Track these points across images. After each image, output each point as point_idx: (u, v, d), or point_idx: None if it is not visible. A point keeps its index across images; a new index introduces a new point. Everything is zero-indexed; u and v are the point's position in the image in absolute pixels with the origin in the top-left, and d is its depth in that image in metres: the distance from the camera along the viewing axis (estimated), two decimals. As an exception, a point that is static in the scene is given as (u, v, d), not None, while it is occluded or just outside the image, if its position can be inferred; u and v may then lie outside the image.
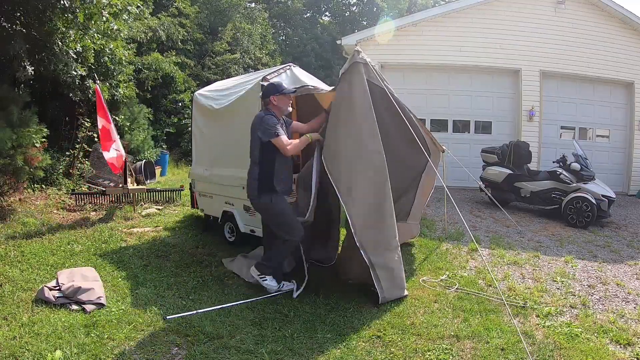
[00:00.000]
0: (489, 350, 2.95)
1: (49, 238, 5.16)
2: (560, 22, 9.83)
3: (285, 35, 26.76)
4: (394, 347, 2.99)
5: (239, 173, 4.84)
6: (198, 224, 6.10)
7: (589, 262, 5.02)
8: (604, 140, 10.54)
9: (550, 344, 3.04)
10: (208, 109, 5.30)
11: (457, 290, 4.02)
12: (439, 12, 10.07)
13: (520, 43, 9.77)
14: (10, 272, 4.08)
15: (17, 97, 6.27)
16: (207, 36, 17.33)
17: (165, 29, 13.70)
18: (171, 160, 12.81)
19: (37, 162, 6.11)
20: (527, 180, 7.46)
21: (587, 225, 6.56)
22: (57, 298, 3.49)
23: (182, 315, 3.38)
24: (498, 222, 6.77)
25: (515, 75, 9.98)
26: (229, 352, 2.89)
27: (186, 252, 4.97)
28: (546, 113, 10.01)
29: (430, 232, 6.07)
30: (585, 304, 3.82)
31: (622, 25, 10.01)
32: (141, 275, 4.22)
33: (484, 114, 10.12)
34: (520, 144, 7.75)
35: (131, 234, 5.63)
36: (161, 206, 7.20)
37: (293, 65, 5.07)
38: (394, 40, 9.72)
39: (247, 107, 4.73)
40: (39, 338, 2.92)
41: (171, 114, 14.42)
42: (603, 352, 2.96)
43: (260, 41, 20.51)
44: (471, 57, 9.80)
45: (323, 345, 3.01)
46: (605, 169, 10.04)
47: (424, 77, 9.97)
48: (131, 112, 10.42)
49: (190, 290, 3.93)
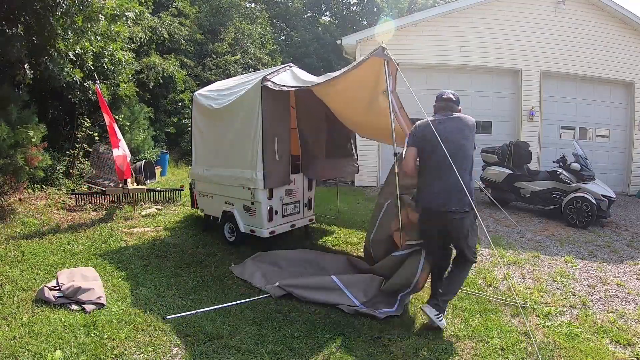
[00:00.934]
0: (489, 350, 2.95)
1: (49, 238, 5.16)
2: (560, 22, 9.84)
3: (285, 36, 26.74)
4: (394, 347, 2.99)
5: (239, 173, 4.86)
6: (198, 224, 6.10)
7: (589, 262, 5.02)
8: (604, 140, 10.55)
9: (550, 344, 3.04)
10: (208, 108, 5.30)
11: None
12: (439, 12, 10.07)
13: (520, 43, 9.77)
14: (10, 272, 4.07)
15: (16, 97, 6.28)
16: (207, 36, 17.32)
17: (166, 27, 13.69)
18: (171, 160, 12.81)
19: (37, 162, 6.10)
20: (527, 180, 7.46)
21: (587, 225, 6.56)
22: (57, 298, 3.49)
23: (182, 315, 3.38)
24: (498, 222, 6.77)
25: (515, 75, 9.99)
26: (229, 352, 2.89)
27: (186, 252, 4.97)
28: (546, 113, 10.02)
29: (430, 232, 6.06)
30: (585, 304, 3.82)
31: (622, 25, 10.01)
32: (141, 275, 4.22)
33: (484, 114, 10.12)
34: (520, 144, 7.75)
35: (131, 234, 5.63)
36: (161, 206, 7.20)
37: (293, 66, 5.08)
38: (394, 40, 9.71)
39: (247, 107, 4.74)
40: (39, 338, 2.92)
41: (171, 114, 14.41)
42: (603, 352, 2.96)
43: (260, 41, 20.50)
44: (471, 57, 9.81)
45: (323, 345, 3.01)
46: (605, 169, 10.05)
47: (424, 77, 9.97)
48: (132, 112, 10.41)
49: (190, 290, 3.93)
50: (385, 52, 3.72)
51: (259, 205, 4.74)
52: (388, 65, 3.78)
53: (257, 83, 4.57)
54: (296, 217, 5.29)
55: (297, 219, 5.30)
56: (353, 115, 5.33)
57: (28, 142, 5.97)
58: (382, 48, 3.72)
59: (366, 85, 4.18)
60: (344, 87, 4.43)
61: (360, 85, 4.27)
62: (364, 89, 4.26)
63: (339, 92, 4.63)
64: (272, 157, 4.63)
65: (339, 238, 5.67)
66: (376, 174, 10.07)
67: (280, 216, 5.00)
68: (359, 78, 4.11)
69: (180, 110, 14.50)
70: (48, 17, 6.07)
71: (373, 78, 4.02)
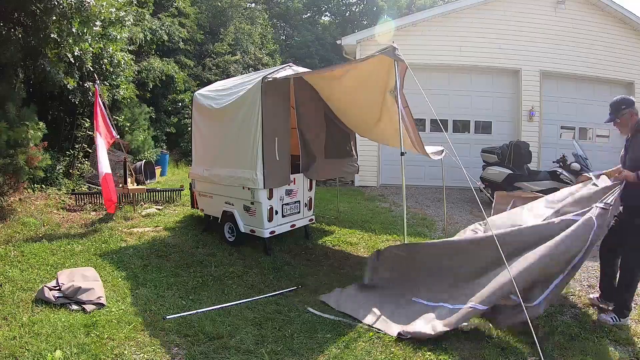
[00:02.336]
0: (489, 350, 2.94)
1: (49, 238, 5.16)
2: (560, 22, 9.84)
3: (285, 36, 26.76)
4: (394, 347, 2.99)
5: (239, 173, 4.86)
6: (198, 224, 6.10)
7: (589, 262, 4.99)
8: (604, 140, 10.54)
9: (550, 344, 3.04)
10: (208, 108, 5.30)
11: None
12: (439, 12, 10.08)
13: (520, 43, 9.78)
14: (10, 272, 4.08)
15: (14, 95, 6.27)
16: (207, 36, 17.33)
17: (165, 29, 13.70)
18: (171, 160, 12.82)
19: (37, 162, 6.11)
20: (527, 180, 7.46)
21: (587, 225, 6.54)
22: (57, 298, 3.49)
23: (182, 315, 3.37)
24: (498, 222, 6.75)
25: (515, 75, 9.99)
26: (229, 352, 2.89)
27: (186, 252, 4.97)
28: (546, 113, 10.02)
29: (430, 232, 6.07)
30: (586, 304, 3.81)
31: (622, 25, 10.01)
32: (141, 275, 4.22)
33: (484, 114, 10.13)
34: (520, 144, 7.75)
35: (131, 234, 5.62)
36: (161, 206, 7.20)
37: (293, 65, 5.08)
38: (394, 40, 9.71)
39: (247, 107, 4.74)
40: (39, 338, 2.92)
41: (171, 114, 14.42)
42: (603, 352, 2.96)
43: (260, 41, 20.51)
44: (471, 57, 9.81)
45: (323, 345, 3.01)
46: (606, 169, 10.03)
47: (424, 77, 9.97)
48: (132, 112, 10.43)
49: (190, 290, 3.93)
50: (396, 53, 3.67)
51: (259, 205, 4.74)
52: (398, 65, 3.74)
53: (258, 83, 4.57)
54: (296, 217, 5.29)
55: (297, 219, 5.30)
56: (356, 115, 5.33)
57: (28, 142, 5.97)
58: (393, 48, 3.69)
59: (372, 83, 4.17)
60: (349, 84, 4.42)
61: (365, 83, 4.25)
62: (370, 87, 4.25)
63: (344, 89, 4.62)
64: (272, 157, 4.63)
65: (339, 238, 5.67)
66: (376, 174, 10.07)
67: (280, 216, 5.00)
68: (364, 74, 4.10)
69: (180, 110, 14.51)
70: (45, 19, 6.05)
71: (380, 76, 4.00)
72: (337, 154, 5.73)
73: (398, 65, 3.75)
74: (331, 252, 5.18)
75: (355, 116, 5.38)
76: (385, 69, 3.85)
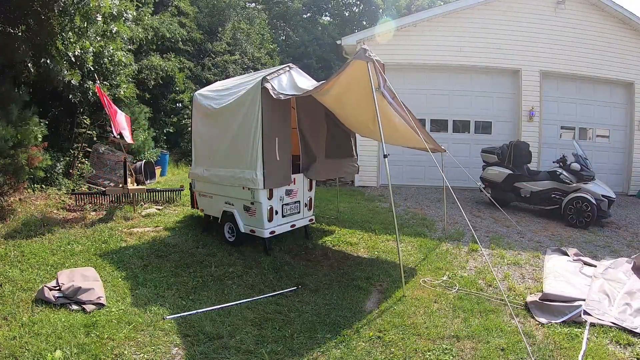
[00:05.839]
0: (489, 350, 2.95)
1: (49, 238, 5.16)
2: (560, 22, 9.84)
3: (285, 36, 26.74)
4: (394, 347, 2.99)
5: (239, 173, 4.86)
6: (198, 224, 6.10)
7: (589, 262, 5.01)
8: (604, 140, 10.54)
9: (550, 344, 3.04)
10: (208, 109, 5.30)
11: (457, 291, 4.02)
12: (439, 12, 10.08)
13: (520, 43, 9.78)
14: (10, 272, 4.07)
15: (17, 97, 6.28)
16: (206, 36, 17.33)
17: (166, 26, 13.71)
18: (171, 160, 12.82)
19: (37, 162, 6.11)
20: (527, 181, 7.46)
21: (587, 226, 6.55)
22: (57, 298, 3.49)
23: (182, 315, 3.38)
24: (498, 222, 6.76)
25: (515, 75, 9.99)
26: (229, 352, 2.89)
27: (186, 252, 4.97)
28: (546, 113, 10.02)
29: (430, 232, 6.07)
30: (585, 304, 3.81)
31: (622, 25, 10.01)
32: (141, 275, 4.22)
33: (484, 114, 10.13)
34: (520, 144, 7.75)
35: (131, 234, 5.63)
36: (161, 206, 7.20)
37: (293, 67, 5.08)
38: (394, 40, 9.72)
39: (247, 107, 4.74)
40: (39, 338, 2.92)
41: (171, 114, 14.42)
42: (603, 352, 2.96)
43: (259, 41, 20.51)
44: (471, 57, 9.81)
45: (323, 345, 3.01)
46: (605, 169, 10.05)
47: (424, 77, 9.98)
48: (132, 112, 10.42)
49: (190, 290, 3.93)
50: (367, 54, 3.74)
51: (259, 206, 4.74)
52: (374, 65, 3.79)
53: (257, 83, 4.58)
54: (296, 217, 5.29)
55: (297, 219, 5.30)
56: (354, 117, 5.34)
57: (29, 142, 5.97)
58: (363, 50, 3.75)
59: (358, 87, 4.20)
60: (338, 92, 4.46)
61: (352, 88, 4.30)
62: (358, 91, 4.28)
63: (335, 97, 4.65)
64: (272, 157, 4.63)
65: (339, 238, 5.67)
66: (376, 174, 10.07)
67: (280, 216, 5.00)
68: (351, 80, 4.14)
69: (180, 110, 14.52)
70: (47, 15, 6.07)
71: (364, 79, 4.04)
72: (337, 154, 5.73)
73: (374, 65, 3.80)
74: (331, 252, 5.18)
75: (354, 118, 5.39)
76: (364, 70, 3.89)
